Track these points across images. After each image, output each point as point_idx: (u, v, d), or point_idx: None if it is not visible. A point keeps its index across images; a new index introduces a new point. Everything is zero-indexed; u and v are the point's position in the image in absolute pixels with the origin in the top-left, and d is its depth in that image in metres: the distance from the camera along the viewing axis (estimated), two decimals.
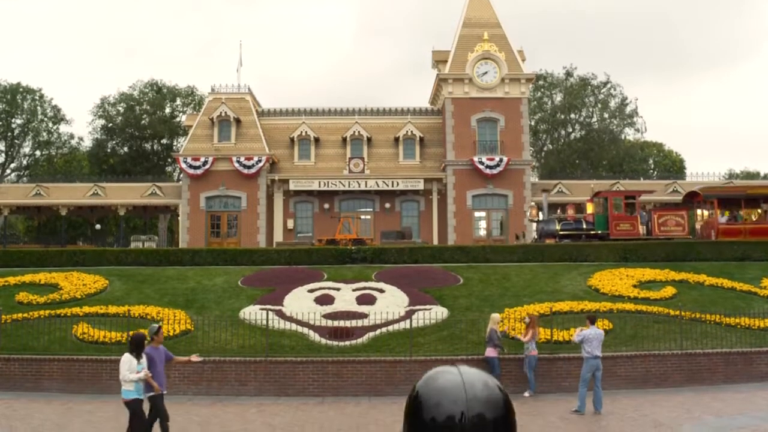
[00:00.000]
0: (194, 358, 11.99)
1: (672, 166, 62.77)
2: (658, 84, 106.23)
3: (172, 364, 11.95)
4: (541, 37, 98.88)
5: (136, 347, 10.70)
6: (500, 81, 39.81)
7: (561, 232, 29.09)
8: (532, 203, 35.47)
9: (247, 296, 21.82)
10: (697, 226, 32.00)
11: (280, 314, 19.80)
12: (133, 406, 10.54)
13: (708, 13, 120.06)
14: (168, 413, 10.96)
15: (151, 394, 10.81)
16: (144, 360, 10.69)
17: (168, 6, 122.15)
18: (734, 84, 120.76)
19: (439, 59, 42.20)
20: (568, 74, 59.86)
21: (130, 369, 10.50)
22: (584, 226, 29.43)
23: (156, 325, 11.68)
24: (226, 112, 39.85)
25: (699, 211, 32.07)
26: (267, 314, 18.89)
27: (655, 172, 61.15)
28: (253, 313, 19.84)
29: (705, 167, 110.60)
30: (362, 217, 39.45)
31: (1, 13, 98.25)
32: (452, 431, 1.42)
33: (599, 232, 29.29)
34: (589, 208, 30.56)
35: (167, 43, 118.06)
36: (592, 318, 14.80)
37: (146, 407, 10.86)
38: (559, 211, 33.57)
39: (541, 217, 30.57)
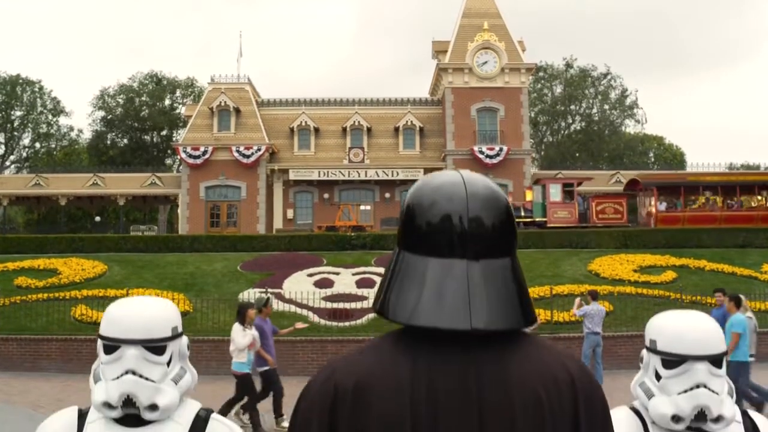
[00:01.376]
0: (298, 325, 11.55)
1: (672, 159, 62.63)
2: (658, 83, 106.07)
3: (278, 336, 11.46)
4: (539, 37, 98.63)
5: (240, 317, 10.29)
6: (500, 71, 39.69)
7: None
8: None
9: (247, 280, 21.81)
10: (639, 213, 32.16)
11: (280, 297, 19.76)
12: (244, 379, 10.18)
13: (708, 13, 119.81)
14: (283, 388, 10.57)
15: (266, 368, 10.41)
16: (254, 331, 10.27)
17: (168, 6, 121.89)
18: (734, 84, 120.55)
19: (439, 49, 42.08)
20: (568, 65, 59.72)
21: (244, 336, 10.13)
22: (522, 214, 29.58)
23: (264, 296, 11.24)
24: (225, 102, 39.73)
25: (639, 199, 32.18)
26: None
27: (656, 166, 61.00)
28: (252, 295, 19.79)
29: (705, 161, 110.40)
30: (362, 207, 39.35)
31: (2, 11, 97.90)
32: (450, 235, 1.32)
33: (536, 219, 29.36)
34: (528, 196, 30.81)
35: (167, 42, 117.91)
36: (593, 294, 14.73)
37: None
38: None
39: None
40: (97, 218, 49.54)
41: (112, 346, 2.05)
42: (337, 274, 21.94)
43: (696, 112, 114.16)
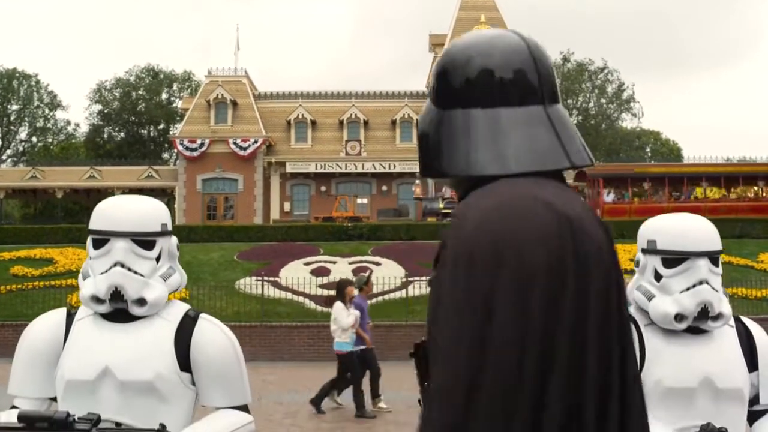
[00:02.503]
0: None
1: (669, 154, 62.70)
2: (658, 83, 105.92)
3: None
4: (538, 36, 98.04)
5: (340, 295, 10.10)
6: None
7: (444, 211, 29.79)
8: (417, 182, 35.46)
9: (243, 269, 21.83)
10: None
11: (276, 284, 19.78)
12: (347, 359, 10.02)
13: (708, 13, 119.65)
14: (380, 369, 10.26)
15: (362, 347, 10.15)
16: (355, 310, 10.05)
17: (167, 4, 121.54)
18: (735, 82, 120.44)
19: (435, 42, 42.08)
20: (565, 59, 59.71)
21: (348, 316, 9.92)
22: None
23: (365, 274, 11.11)
24: (222, 95, 39.66)
25: (586, 190, 32.48)
26: (262, 283, 18.88)
27: (652, 161, 61.08)
28: (248, 283, 19.84)
29: (703, 156, 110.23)
30: (359, 200, 39.31)
31: (2, 9, 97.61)
32: (524, 81, 1.24)
33: None
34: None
35: (166, 41, 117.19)
36: None
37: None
38: (444, 189, 33.94)
39: (425, 194, 31.42)
40: None
41: (101, 239, 2.04)
42: (334, 263, 21.96)
43: (696, 111, 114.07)
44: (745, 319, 2.30)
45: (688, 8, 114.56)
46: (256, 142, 38.73)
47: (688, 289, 2.13)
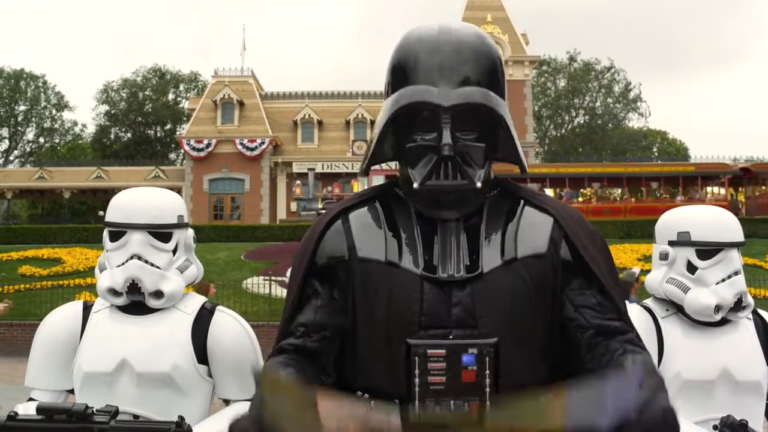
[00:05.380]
0: None
1: (676, 154, 62.44)
2: (657, 83, 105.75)
3: None
4: (541, 38, 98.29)
5: None
6: (503, 63, 39.59)
7: (322, 211, 29.92)
8: (298, 182, 35.45)
9: (250, 268, 21.84)
10: None
11: (283, 284, 19.72)
12: None
13: (708, 11, 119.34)
14: None
15: None
16: None
17: (171, 6, 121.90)
18: (734, 83, 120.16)
19: None
20: (572, 59, 59.54)
21: None
22: None
23: (636, 270, 10.85)
24: (229, 95, 39.69)
25: None
26: (269, 283, 18.89)
27: (659, 161, 60.80)
28: (255, 282, 19.86)
29: (709, 156, 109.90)
30: None
31: (7, 7, 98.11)
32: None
33: None
34: (355, 187, 31.55)
35: (171, 43, 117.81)
36: None
37: None
38: (325, 189, 34.29)
39: (304, 195, 31.66)
40: (101, 213, 49.53)
41: (118, 232, 2.04)
42: None
43: (696, 113, 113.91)
44: (763, 312, 2.30)
45: (689, 8, 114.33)
46: (263, 143, 38.75)
47: (723, 280, 2.12)
